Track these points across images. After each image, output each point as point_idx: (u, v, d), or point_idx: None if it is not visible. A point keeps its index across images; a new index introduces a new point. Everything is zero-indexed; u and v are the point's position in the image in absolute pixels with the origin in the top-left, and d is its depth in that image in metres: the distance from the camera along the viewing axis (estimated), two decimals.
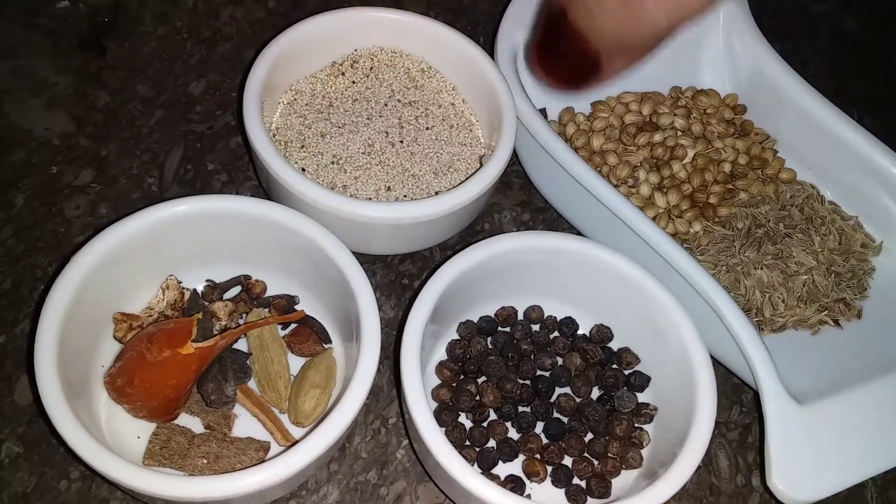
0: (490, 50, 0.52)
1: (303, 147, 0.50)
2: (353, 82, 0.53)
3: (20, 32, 0.57)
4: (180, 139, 0.54)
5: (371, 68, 0.53)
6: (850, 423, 0.43)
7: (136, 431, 0.42)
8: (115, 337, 0.43)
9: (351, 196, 0.48)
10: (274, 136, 0.50)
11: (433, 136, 0.51)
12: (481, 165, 0.48)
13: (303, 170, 0.49)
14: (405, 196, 0.49)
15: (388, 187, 0.49)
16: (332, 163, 0.49)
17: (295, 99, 0.52)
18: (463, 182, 0.47)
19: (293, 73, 0.52)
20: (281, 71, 0.50)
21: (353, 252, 0.43)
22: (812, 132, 0.53)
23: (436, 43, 0.52)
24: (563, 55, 0.40)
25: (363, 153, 0.50)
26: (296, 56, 0.51)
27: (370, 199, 0.48)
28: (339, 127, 0.51)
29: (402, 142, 0.51)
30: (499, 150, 0.47)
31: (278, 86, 0.51)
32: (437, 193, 0.49)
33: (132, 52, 0.57)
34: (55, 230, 0.50)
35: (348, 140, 0.50)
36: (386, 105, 0.52)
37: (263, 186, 0.51)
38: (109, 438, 0.41)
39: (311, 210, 0.44)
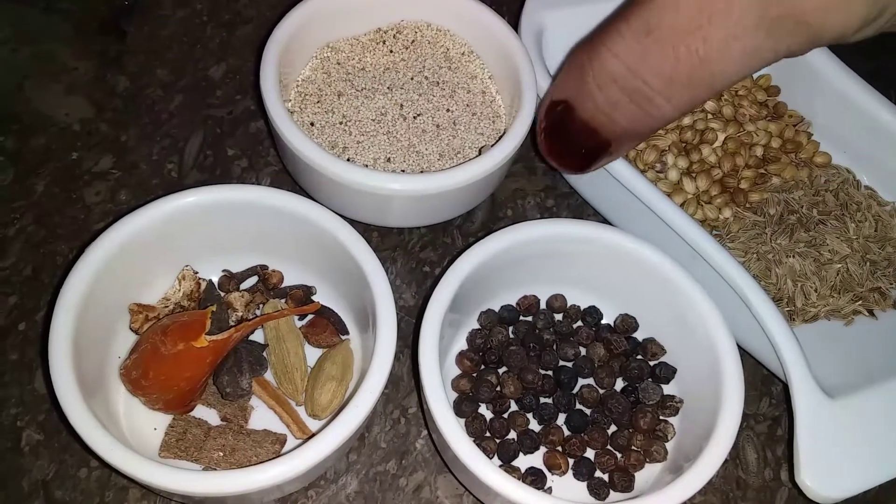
0: (514, 29, 0.51)
1: (318, 102, 0.50)
2: (391, 51, 0.52)
3: (40, 17, 0.56)
4: (200, 124, 0.53)
5: (413, 41, 0.53)
6: (882, 417, 0.41)
7: (153, 423, 0.42)
8: (131, 328, 0.43)
9: (349, 160, 0.47)
10: (297, 86, 0.50)
11: (451, 118, 0.50)
12: (479, 153, 0.47)
13: (311, 124, 0.49)
14: (403, 171, 0.48)
15: (389, 158, 0.48)
16: (340, 122, 0.49)
17: (328, 56, 0.52)
18: (474, 158, 0.46)
19: (334, 30, 0.52)
20: (320, 25, 0.50)
21: (369, 225, 0.45)
22: (848, 115, 0.51)
23: (478, 27, 0.51)
24: (573, 144, 0.41)
25: (372, 120, 0.49)
26: (340, 14, 0.51)
27: (367, 165, 0.48)
28: (358, 90, 0.50)
29: (415, 117, 0.50)
30: (515, 126, 0.46)
31: (315, 40, 0.51)
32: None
33: (152, 36, 0.56)
34: (75, 217, 0.50)
35: (361, 104, 0.50)
36: (412, 79, 0.51)
37: (276, 148, 0.51)
38: (127, 430, 0.41)
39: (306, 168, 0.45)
